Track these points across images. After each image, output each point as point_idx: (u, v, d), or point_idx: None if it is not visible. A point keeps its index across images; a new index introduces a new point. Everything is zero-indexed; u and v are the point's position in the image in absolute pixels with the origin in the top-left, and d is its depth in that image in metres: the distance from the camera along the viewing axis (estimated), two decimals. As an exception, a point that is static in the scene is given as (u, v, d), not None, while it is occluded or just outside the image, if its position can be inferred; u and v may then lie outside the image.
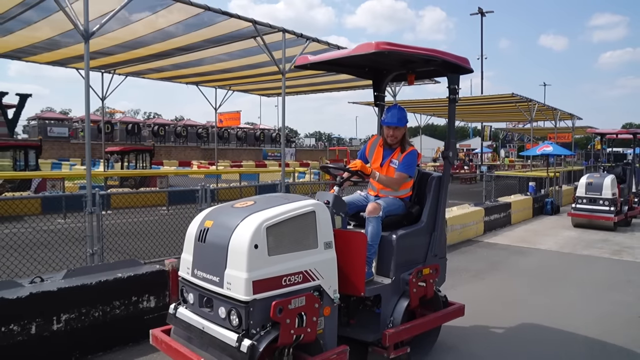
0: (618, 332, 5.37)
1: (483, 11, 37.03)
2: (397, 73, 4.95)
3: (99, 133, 47.34)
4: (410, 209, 4.52)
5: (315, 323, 3.40)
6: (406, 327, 4.09)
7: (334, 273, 3.58)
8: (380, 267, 4.19)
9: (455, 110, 4.68)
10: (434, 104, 21.00)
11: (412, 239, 4.31)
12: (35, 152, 15.66)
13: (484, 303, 6.31)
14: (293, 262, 3.35)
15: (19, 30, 9.24)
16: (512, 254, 9.42)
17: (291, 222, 3.38)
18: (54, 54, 11.43)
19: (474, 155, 47.56)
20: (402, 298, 4.15)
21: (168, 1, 7.43)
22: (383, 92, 5.12)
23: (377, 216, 4.09)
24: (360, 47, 3.87)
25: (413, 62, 4.50)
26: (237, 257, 3.17)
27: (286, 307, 3.21)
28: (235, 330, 3.16)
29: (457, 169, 34.16)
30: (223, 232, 3.33)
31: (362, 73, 5.09)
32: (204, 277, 3.40)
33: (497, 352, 4.86)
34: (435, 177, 4.58)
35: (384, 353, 3.97)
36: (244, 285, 3.10)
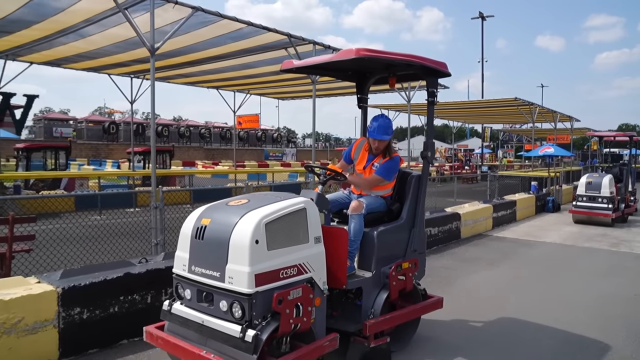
0: (618, 307, 6.30)
1: (484, 15, 37.94)
2: (379, 76, 5.07)
3: (104, 133, 48.04)
4: (391, 206, 4.69)
5: (310, 313, 3.60)
6: (386, 318, 4.30)
7: (323, 266, 3.78)
8: (362, 261, 4.36)
9: (434, 111, 4.86)
10: (440, 107, 21.90)
11: (392, 234, 4.50)
12: (65, 152, 16.50)
13: (500, 287, 7.25)
14: (289, 256, 3.53)
15: (73, 42, 10.12)
16: (521, 246, 10.36)
17: (286, 218, 3.56)
18: (95, 62, 12.31)
19: (472, 156, 48.56)
20: (382, 290, 4.33)
21: (218, 18, 8.31)
22: (366, 94, 5.24)
23: (360, 213, 4.27)
24: (342, 53, 4.12)
25: (394, 66, 4.68)
26: (239, 252, 3.32)
27: (286, 298, 3.41)
28: (238, 322, 3.32)
29: (458, 169, 35.15)
30: (223, 229, 3.46)
31: (346, 76, 5.28)
32: (202, 273, 3.50)
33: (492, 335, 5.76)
34: (415, 176, 4.79)
35: (365, 342, 4.16)
36: (246, 278, 3.26)
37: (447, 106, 21.49)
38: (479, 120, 33.25)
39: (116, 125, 49.79)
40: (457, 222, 10.76)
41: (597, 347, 4.98)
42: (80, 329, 4.36)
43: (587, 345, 5.00)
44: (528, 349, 4.89)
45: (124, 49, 10.74)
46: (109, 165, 33.88)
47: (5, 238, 6.23)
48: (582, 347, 4.97)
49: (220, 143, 55.69)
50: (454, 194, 15.04)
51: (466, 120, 31.88)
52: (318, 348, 3.66)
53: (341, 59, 4.09)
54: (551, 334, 5.28)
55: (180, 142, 51.92)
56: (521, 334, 5.28)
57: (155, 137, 7.84)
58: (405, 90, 14.03)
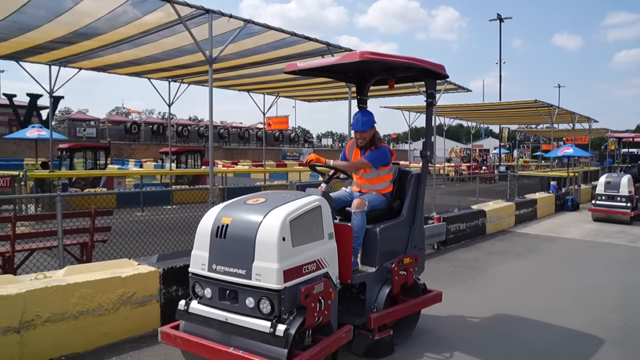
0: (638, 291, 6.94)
1: (502, 17, 38.31)
2: (378, 78, 5.18)
3: (126, 133, 49.07)
4: (392, 203, 4.81)
5: (330, 306, 3.74)
6: (389, 312, 4.43)
7: (336, 261, 3.94)
8: (365, 257, 4.47)
9: (433, 111, 5.06)
10: (459, 108, 22.50)
11: (393, 231, 4.63)
12: (105, 152, 17.41)
13: (529, 276, 7.90)
14: (309, 252, 3.65)
15: (126, 50, 10.95)
16: (544, 241, 10.97)
17: (306, 215, 3.68)
18: (139, 67, 13.15)
19: (487, 156, 48.85)
20: (385, 285, 4.46)
21: (265, 29, 9.06)
22: (366, 95, 5.31)
23: (362, 210, 4.39)
24: (346, 56, 4.22)
25: (394, 69, 4.80)
26: (267, 249, 3.40)
27: (311, 292, 3.53)
28: (267, 318, 3.40)
29: (475, 169, 35.58)
30: (247, 227, 3.52)
31: (347, 78, 5.40)
32: (225, 271, 3.55)
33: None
34: (415, 174, 4.94)
35: (369, 335, 4.30)
36: (275, 275, 3.35)
37: (466, 107, 22.08)
38: (497, 121, 33.68)
39: (137, 126, 50.80)
40: (482, 219, 11.40)
41: (618, 324, 5.62)
42: (176, 304, 5.09)
43: (613, 322, 5.64)
44: (566, 321, 5.54)
45: (172, 56, 11.54)
46: (131, 164, 34.74)
47: (87, 229, 7.06)
48: (610, 322, 5.60)
49: (239, 143, 56.52)
50: (476, 193, 15.62)
51: (484, 121, 32.35)
52: (337, 339, 3.82)
53: (345, 62, 4.23)
54: (581, 313, 5.93)
55: (199, 142, 52.99)
56: (557, 312, 5.93)
57: (212, 139, 8.64)
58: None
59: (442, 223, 9.78)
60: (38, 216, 9.13)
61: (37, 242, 6.92)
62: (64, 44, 10.52)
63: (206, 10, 7.94)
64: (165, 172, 17.81)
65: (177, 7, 7.65)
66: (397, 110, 22.09)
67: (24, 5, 7.98)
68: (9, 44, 10.77)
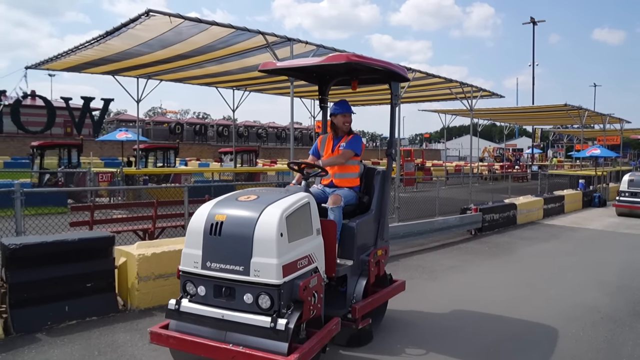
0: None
1: (535, 20, 39.31)
2: (340, 79, 5.26)
3: (170, 133, 51.62)
4: (362, 199, 4.94)
5: (322, 300, 3.86)
6: (369, 301, 4.62)
7: (322, 256, 4.04)
8: (343, 250, 4.53)
9: (397, 112, 5.27)
10: (492, 111, 23.99)
11: (366, 225, 4.77)
12: (174, 152, 19.68)
13: (550, 254, 9.62)
14: (302, 247, 3.72)
15: (209, 67, 13.09)
16: (567, 231, 12.59)
17: (298, 211, 3.75)
18: (212, 79, 15.33)
19: (520, 155, 49.71)
20: (362, 277, 4.62)
21: (332, 52, 10.98)
22: (327, 95, 5.39)
23: (339, 206, 4.47)
24: (333, 57, 4.30)
25: (359, 70, 4.86)
26: (265, 245, 3.44)
27: (308, 286, 3.62)
28: (265, 313, 3.45)
29: (508, 168, 36.76)
30: (244, 224, 3.55)
31: (310, 78, 5.41)
32: (221, 268, 3.55)
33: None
34: (380, 171, 5.07)
35: (352, 325, 4.42)
36: (275, 270, 3.40)
37: (498, 110, 23.58)
38: (529, 122, 34.83)
39: (181, 126, 53.28)
40: (514, 211, 13.07)
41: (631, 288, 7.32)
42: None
43: (612, 282, 7.33)
44: (574, 283, 7.26)
45: (247, 71, 13.61)
46: (176, 163, 37.12)
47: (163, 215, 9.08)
48: (610, 283, 7.29)
49: (276, 142, 58.56)
50: (508, 191, 17.17)
51: (516, 122, 33.60)
52: (329, 332, 3.93)
53: (331, 63, 4.31)
54: (587, 276, 7.63)
55: (239, 142, 55.41)
56: (569, 278, 7.64)
57: (292, 141, 10.58)
58: (468, 99, 16.34)
59: (479, 213, 11.53)
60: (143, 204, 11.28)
61: (166, 222, 9.06)
62: (162, 63, 12.71)
63: (288, 38, 9.92)
64: (227, 170, 20.00)
65: (267, 37, 9.67)
66: (431, 112, 23.75)
67: (150, 39, 10.13)
68: (116, 64, 13.08)
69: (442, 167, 31.95)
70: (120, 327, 5.06)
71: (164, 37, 10.08)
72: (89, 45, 10.88)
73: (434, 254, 9.25)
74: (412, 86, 14.35)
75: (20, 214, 6.54)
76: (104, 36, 10.08)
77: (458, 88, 15.78)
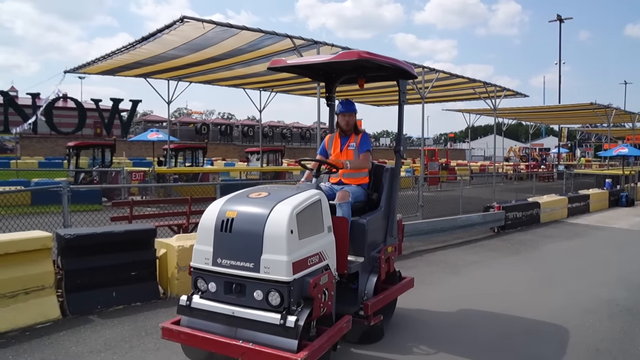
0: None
1: (562, 18, 38.85)
2: (348, 77, 5.23)
3: (196, 134, 52.54)
4: (371, 195, 4.94)
5: (332, 297, 3.84)
6: (380, 298, 4.63)
7: (334, 253, 4.04)
8: (354, 247, 4.50)
9: (404, 109, 5.12)
10: (517, 111, 23.97)
11: (376, 222, 4.77)
12: (203, 151, 20.28)
13: (573, 251, 9.77)
14: (312, 244, 3.71)
15: (238, 69, 13.56)
16: (591, 229, 12.65)
17: (309, 209, 3.74)
18: (239, 80, 15.81)
19: (547, 155, 49.14)
20: (372, 274, 4.63)
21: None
22: (334, 93, 5.38)
23: (348, 201, 4.47)
24: (343, 54, 4.31)
25: (366, 68, 4.82)
26: (275, 242, 3.44)
27: (318, 283, 3.60)
28: (275, 310, 3.44)
29: (534, 167, 36.47)
30: (254, 220, 3.55)
31: (318, 76, 5.42)
32: (231, 265, 3.55)
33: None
34: (389, 168, 5.05)
35: (364, 322, 4.42)
36: (285, 267, 3.40)
37: (523, 110, 23.55)
38: (555, 122, 34.53)
39: (207, 126, 54.15)
40: (537, 209, 13.18)
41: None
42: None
43: (631, 273, 7.48)
44: (597, 276, 7.43)
45: (273, 73, 14.02)
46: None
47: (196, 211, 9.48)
48: (628, 275, 7.45)
49: (300, 142, 59.03)
50: (533, 190, 17.21)
51: (542, 121, 33.35)
52: (340, 329, 3.91)
53: (338, 60, 4.30)
54: (609, 270, 7.79)
55: (263, 142, 56.02)
56: (591, 271, 7.81)
57: (319, 141, 10.93)
58: (492, 98, 16.49)
59: (502, 211, 11.71)
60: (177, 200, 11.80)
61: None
62: (192, 66, 13.24)
63: (315, 41, 10.30)
64: (254, 169, 20.50)
65: (294, 40, 10.06)
66: (456, 112, 23.85)
67: (183, 44, 10.63)
68: (149, 68, 13.66)
69: (467, 166, 31.92)
70: (162, 312, 5.48)
71: (196, 41, 10.57)
72: (125, 50, 11.46)
73: (456, 250, 9.50)
74: (436, 86, 14.59)
75: (67, 208, 7.08)
76: (139, 41, 10.62)
77: (482, 88, 15.94)
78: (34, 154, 32.96)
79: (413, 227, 9.29)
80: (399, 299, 5.40)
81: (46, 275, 5.19)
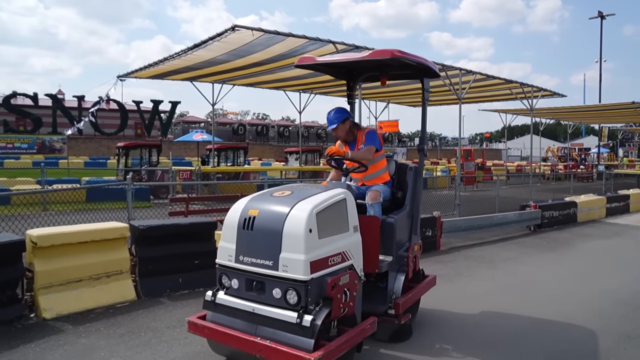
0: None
1: (603, 14, 38.06)
2: (369, 75, 5.22)
3: (233, 134, 53.62)
4: (395, 194, 4.96)
5: (355, 298, 3.81)
6: (409, 296, 4.67)
7: (360, 253, 4.01)
8: (383, 246, 4.51)
9: (427, 108, 5.06)
10: (555, 111, 23.81)
11: (403, 221, 4.78)
12: (244, 151, 21.03)
13: (609, 249, 9.95)
14: (334, 244, 3.70)
15: (279, 73, 14.18)
16: (630, 229, 12.70)
17: (332, 208, 3.72)
18: (279, 83, 16.42)
19: (587, 155, 48.09)
20: (400, 272, 4.65)
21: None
22: (354, 91, 5.40)
23: (379, 201, 4.54)
24: (375, 52, 4.28)
25: (389, 66, 4.79)
26: (294, 241, 3.45)
27: (337, 284, 3.59)
28: (293, 308, 3.46)
29: (572, 168, 35.90)
30: (274, 219, 3.57)
31: (339, 74, 5.33)
32: (252, 262, 3.59)
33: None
34: (413, 167, 5.04)
35: (394, 320, 4.46)
36: (302, 266, 3.40)
37: (561, 110, 23.38)
38: (595, 121, 33.93)
39: (244, 127, 55.21)
40: (574, 209, 13.30)
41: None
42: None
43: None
44: (638, 281, 7.66)
45: (313, 75, 14.59)
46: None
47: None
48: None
49: (335, 142, 59.38)
50: (570, 191, 17.21)
51: (581, 120, 32.84)
52: (362, 331, 3.90)
53: (371, 59, 4.28)
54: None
55: (298, 142, 56.80)
56: (627, 271, 8.03)
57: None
58: (528, 98, 16.61)
59: (538, 210, 11.92)
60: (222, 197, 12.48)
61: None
62: (237, 70, 13.93)
63: (356, 46, 10.79)
64: (293, 168, 21.14)
65: (336, 45, 10.59)
66: (492, 112, 23.89)
67: (230, 51, 11.31)
68: (196, 72, 14.43)
69: (503, 166, 31.78)
70: (223, 296, 6.08)
71: (243, 47, 11.21)
72: (177, 56, 12.22)
73: (493, 247, 9.81)
74: (473, 87, 14.86)
75: (131, 203, 7.81)
76: (191, 48, 11.35)
77: (518, 88, 16.09)
78: (79, 154, 34.57)
79: (451, 224, 9.68)
80: (433, 293, 5.58)
81: (123, 261, 5.88)
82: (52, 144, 35.55)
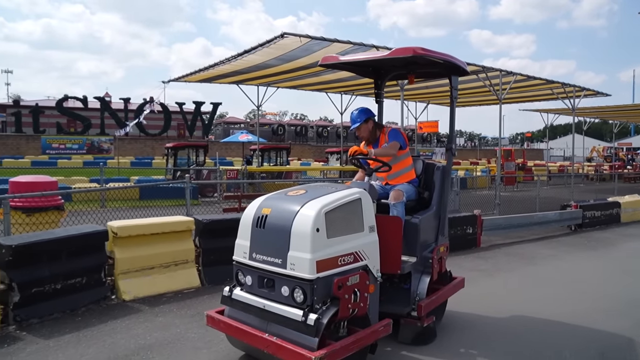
0: None
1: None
2: (396, 73, 5.23)
3: (272, 134, 54.56)
4: (422, 194, 4.90)
5: (366, 299, 3.78)
6: (433, 299, 4.61)
7: (377, 254, 3.98)
8: (406, 247, 4.45)
9: (455, 106, 4.92)
10: (598, 110, 23.44)
11: (428, 222, 4.72)
12: (287, 152, 21.71)
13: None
14: (346, 244, 3.70)
15: (323, 76, 14.70)
16: (676, 229, 12.60)
17: (343, 208, 3.73)
18: (320, 85, 16.95)
19: (636, 155, 46.60)
20: (424, 274, 4.59)
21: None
22: (382, 90, 5.35)
23: (402, 201, 4.49)
24: (398, 50, 4.21)
25: (417, 64, 4.72)
26: (301, 240, 3.49)
27: (345, 284, 3.58)
28: (299, 307, 3.49)
29: (619, 168, 34.97)
30: (284, 217, 3.63)
31: (367, 73, 5.30)
32: (264, 260, 3.68)
33: None
34: (440, 167, 4.96)
35: (417, 322, 4.42)
36: (308, 265, 3.43)
37: (605, 109, 23.00)
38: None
39: (283, 127, 55.99)
40: (617, 209, 13.26)
41: None
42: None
43: None
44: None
45: (356, 78, 15.06)
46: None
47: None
48: None
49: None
50: (615, 191, 16.99)
51: (628, 119, 32.04)
52: (373, 333, 3.88)
53: (392, 57, 4.27)
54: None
55: (337, 143, 57.18)
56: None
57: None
58: (570, 98, 16.55)
59: (579, 210, 12.00)
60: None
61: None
62: (282, 73, 14.54)
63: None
64: (333, 168, 21.67)
65: (380, 50, 10.99)
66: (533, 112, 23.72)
67: (277, 56, 11.90)
68: (243, 76, 15.13)
69: (544, 167, 31.37)
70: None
71: (290, 53, 11.78)
72: (226, 62, 12.91)
73: (533, 245, 10.03)
74: (514, 88, 14.98)
75: (189, 201, 8.46)
76: (241, 54, 12.01)
77: (560, 88, 16.07)
78: (125, 154, 36.03)
79: (491, 222, 9.95)
80: (468, 289, 5.56)
81: (189, 252, 6.51)
82: (101, 144, 37.37)
